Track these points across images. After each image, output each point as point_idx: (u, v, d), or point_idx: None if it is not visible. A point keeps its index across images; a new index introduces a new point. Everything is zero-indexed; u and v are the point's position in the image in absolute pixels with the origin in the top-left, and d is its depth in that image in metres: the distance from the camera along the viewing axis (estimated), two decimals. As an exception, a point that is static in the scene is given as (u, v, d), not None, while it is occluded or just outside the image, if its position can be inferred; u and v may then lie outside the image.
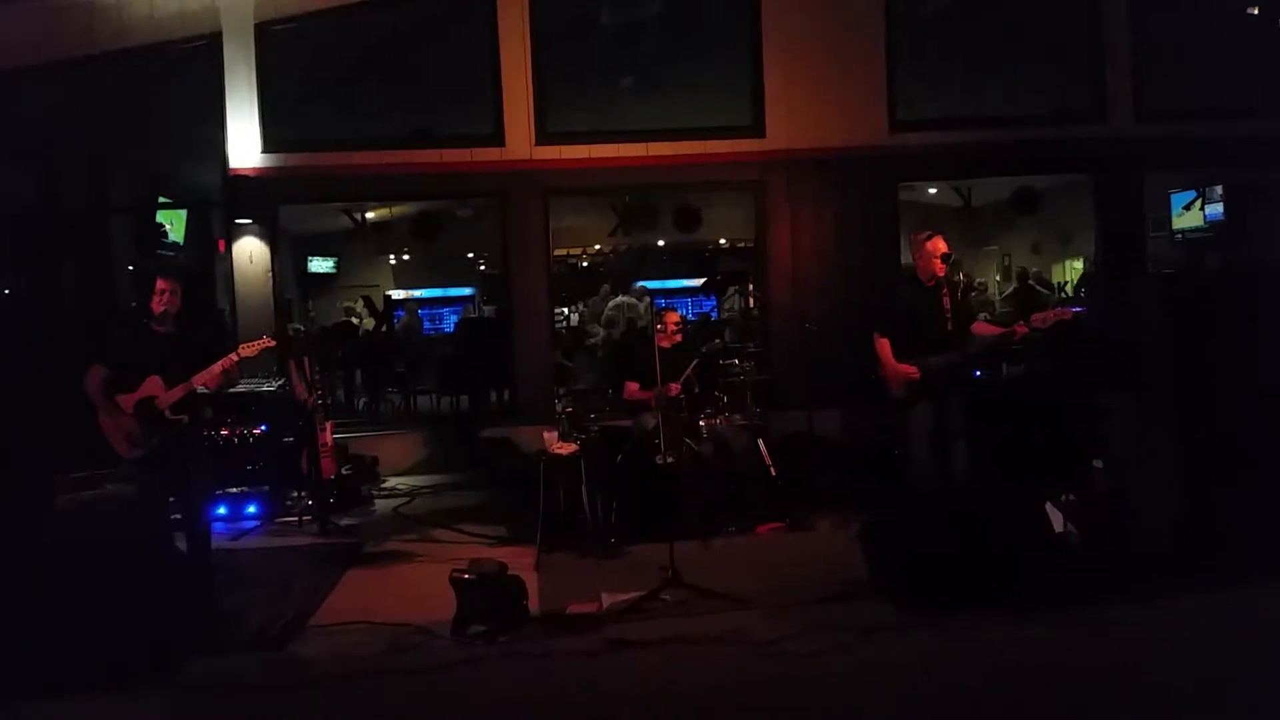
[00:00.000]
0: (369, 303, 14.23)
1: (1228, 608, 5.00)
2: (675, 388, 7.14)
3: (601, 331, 13.15)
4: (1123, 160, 10.04)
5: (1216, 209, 12.66)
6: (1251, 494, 5.75)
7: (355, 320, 14.27)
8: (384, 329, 13.69)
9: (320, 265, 16.11)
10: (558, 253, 15.22)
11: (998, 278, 16.06)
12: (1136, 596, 5.10)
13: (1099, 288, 10.70)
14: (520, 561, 6.19)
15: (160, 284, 5.62)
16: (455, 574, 5.18)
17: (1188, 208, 13.06)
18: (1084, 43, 10.18)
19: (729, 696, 4.33)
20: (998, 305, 14.12)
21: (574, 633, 5.06)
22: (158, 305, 5.61)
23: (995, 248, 16.39)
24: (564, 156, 9.49)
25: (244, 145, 9.22)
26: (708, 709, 4.23)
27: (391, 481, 9.11)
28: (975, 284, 15.00)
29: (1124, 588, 5.19)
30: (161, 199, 11.26)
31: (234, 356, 5.74)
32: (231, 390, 7.50)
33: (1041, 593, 5.02)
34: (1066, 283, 14.62)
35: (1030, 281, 13.89)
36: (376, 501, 8.51)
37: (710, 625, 5.05)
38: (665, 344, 7.39)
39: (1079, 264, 14.14)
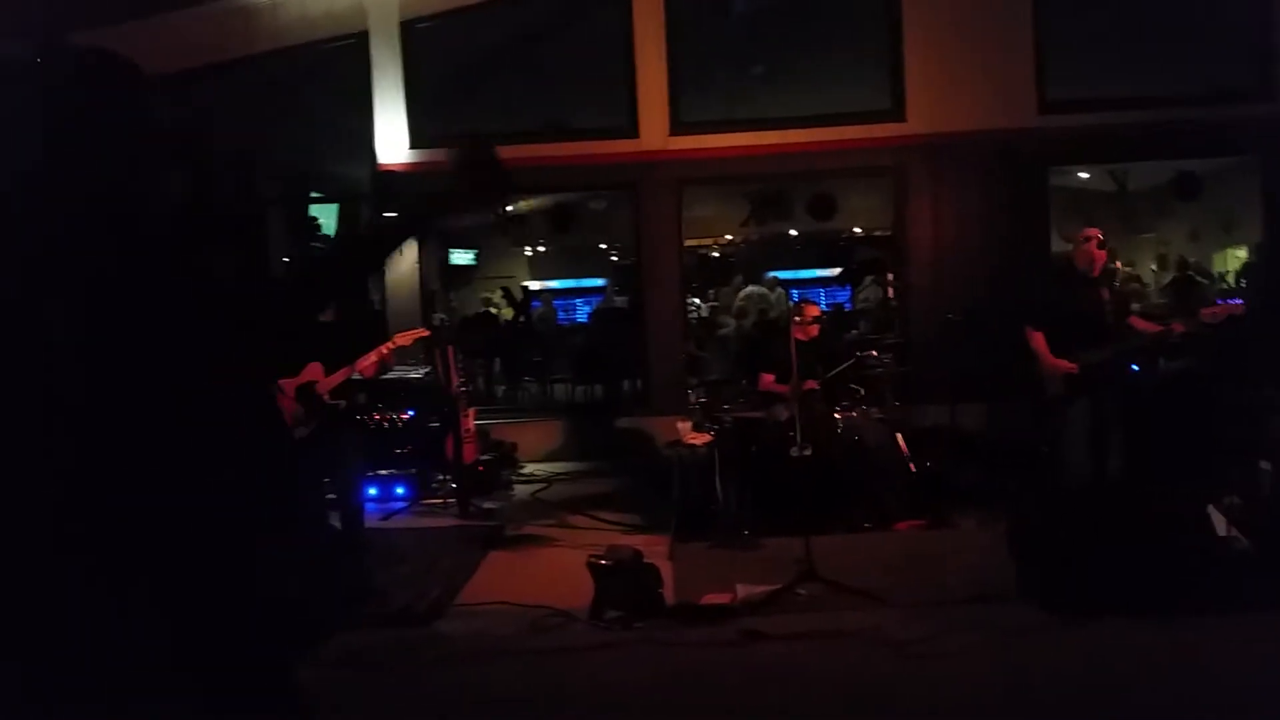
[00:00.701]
0: (507, 293, 14.58)
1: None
2: (813, 384, 7.06)
3: (732, 322, 13.12)
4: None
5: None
6: None
7: (494, 310, 14.64)
8: (521, 319, 14.00)
9: (461, 257, 16.56)
10: (689, 243, 15.27)
11: (1154, 267, 15.24)
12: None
13: (1264, 278, 10.01)
14: (654, 550, 6.22)
15: None
16: (593, 560, 5.27)
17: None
18: (1248, 16, 9.53)
19: (862, 693, 4.28)
20: (1154, 296, 13.42)
21: (708, 623, 5.07)
22: None
23: (1152, 235, 15.55)
24: (697, 146, 9.49)
25: (392, 141, 9.57)
26: (840, 704, 4.19)
27: (529, 468, 9.32)
28: (1126, 273, 14.31)
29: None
30: (313, 194, 11.78)
31: (390, 345, 5.99)
32: (382, 377, 7.87)
33: (1198, 598, 4.77)
34: (1228, 272, 13.76)
35: (1190, 271, 13.14)
36: (515, 486, 8.73)
37: (846, 621, 4.99)
38: (802, 336, 7.30)
39: (1242, 252, 13.28)
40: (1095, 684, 4.22)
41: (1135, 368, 7.42)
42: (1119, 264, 13.27)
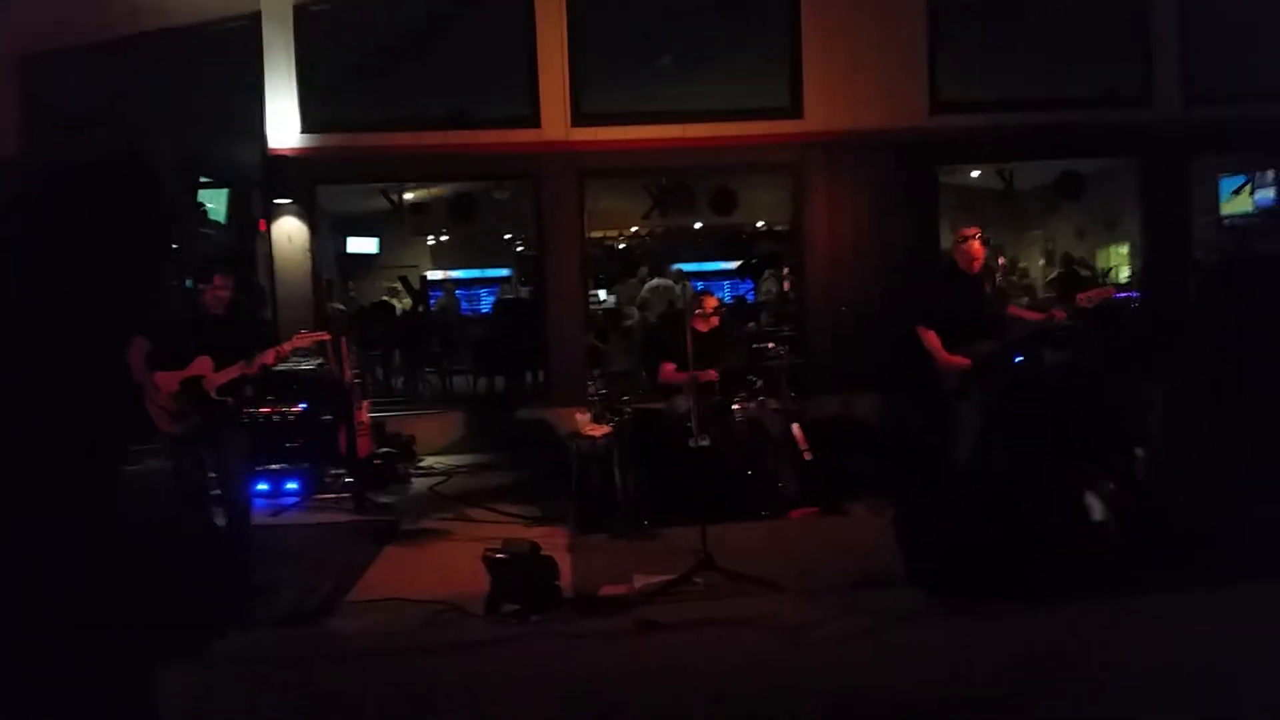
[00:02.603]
0: (405, 283, 14.33)
1: (1264, 601, 4.89)
2: (713, 374, 7.13)
3: (637, 314, 13.14)
4: (1169, 144, 9.84)
5: (1267, 195, 12.38)
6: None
7: (393, 300, 14.37)
8: (420, 309, 13.77)
9: (361, 245, 16.21)
10: (594, 235, 15.21)
11: (1041, 262, 15.82)
12: (1173, 587, 5.01)
13: (1144, 274, 10.49)
14: (553, 542, 6.24)
15: (219, 280, 5.66)
16: (488, 553, 5.22)
17: (1237, 193, 12.77)
18: (1131, 24, 9.97)
19: (756, 679, 4.33)
20: (1041, 290, 13.92)
21: (605, 614, 5.09)
22: (213, 299, 5.66)
23: (1039, 232, 16.13)
24: (599, 138, 9.47)
25: (283, 125, 9.30)
26: (735, 691, 4.22)
27: (428, 460, 9.17)
28: (1017, 268, 14.82)
29: (1159, 578, 5.10)
30: (202, 178, 11.38)
31: (285, 347, 5.80)
32: (272, 369, 7.64)
33: (1076, 582, 4.96)
34: (1111, 268, 14.36)
35: (1074, 266, 13.67)
36: (413, 480, 8.59)
37: (741, 609, 5.05)
38: (703, 327, 7.38)
39: (1124, 250, 13.89)
40: (977, 667, 4.34)
41: (1019, 359, 7.70)
42: (1002, 260, 13.78)
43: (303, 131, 9.32)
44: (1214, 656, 4.33)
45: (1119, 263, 13.95)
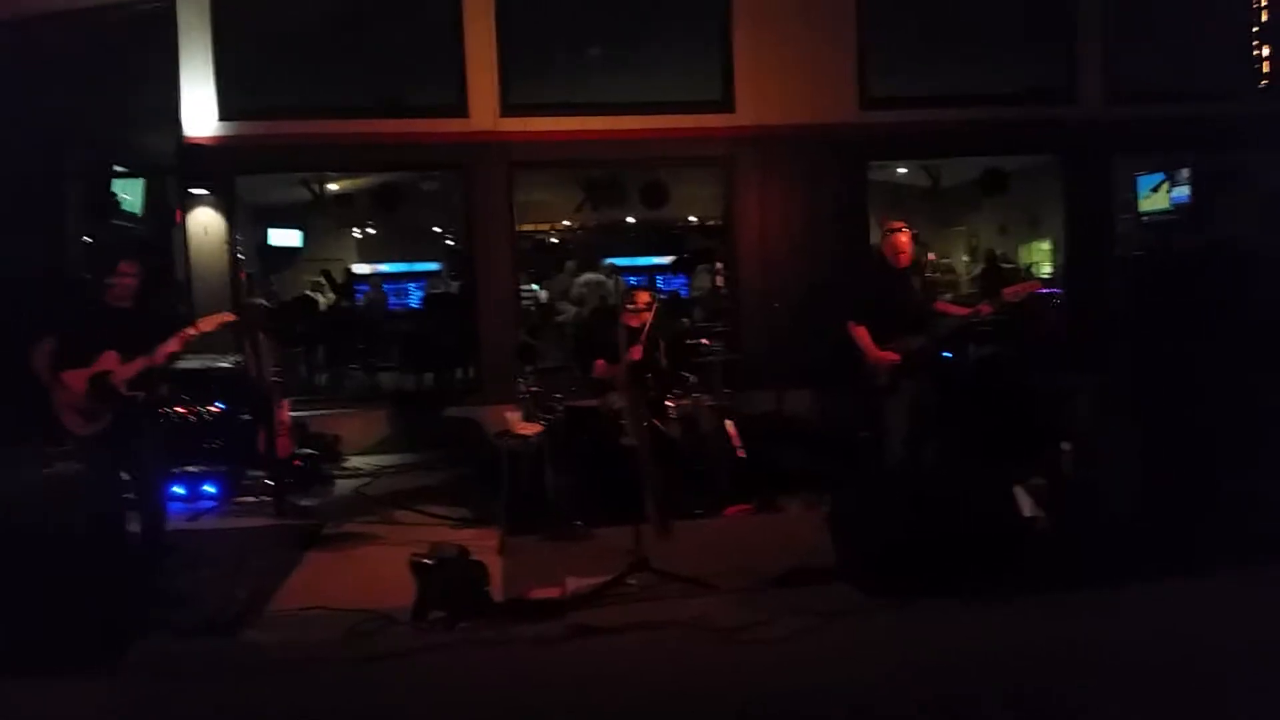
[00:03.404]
0: (328, 276, 13.97)
1: (1190, 594, 4.97)
2: (637, 351, 7.01)
3: (572, 309, 13.00)
4: (1091, 142, 10.02)
5: (1183, 192, 12.71)
6: (1216, 478, 5.78)
7: (316, 295, 14.00)
8: (345, 304, 13.44)
9: (284, 238, 15.76)
10: (525, 228, 15.01)
11: (965, 258, 16.07)
12: (1101, 581, 5.07)
13: (1066, 270, 10.69)
14: (484, 544, 6.08)
15: (124, 267, 5.47)
16: (415, 559, 5.05)
17: (1155, 190, 13.09)
18: (1055, 22, 10.12)
19: (691, 682, 4.26)
20: (965, 285, 14.14)
21: (536, 619, 4.95)
22: (119, 287, 5.45)
23: (963, 228, 16.39)
24: (528, 129, 9.31)
25: (199, 113, 8.95)
26: (670, 696, 4.15)
27: (354, 461, 8.93)
28: (941, 264, 15.02)
29: (1089, 572, 5.16)
30: (117, 167, 10.92)
31: (190, 331, 5.59)
32: (188, 367, 7.36)
33: (1007, 577, 4.99)
34: (1033, 264, 14.65)
35: (998, 262, 13.91)
36: (338, 481, 8.34)
37: (675, 610, 4.97)
38: (634, 322, 7.27)
39: (1046, 246, 14.17)
40: (909, 665, 4.32)
41: (948, 355, 7.77)
42: (932, 255, 13.95)
43: (220, 119, 8.99)
44: (1146, 649, 4.37)
45: (1041, 259, 14.23)
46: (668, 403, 7.15)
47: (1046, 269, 13.51)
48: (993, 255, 14.34)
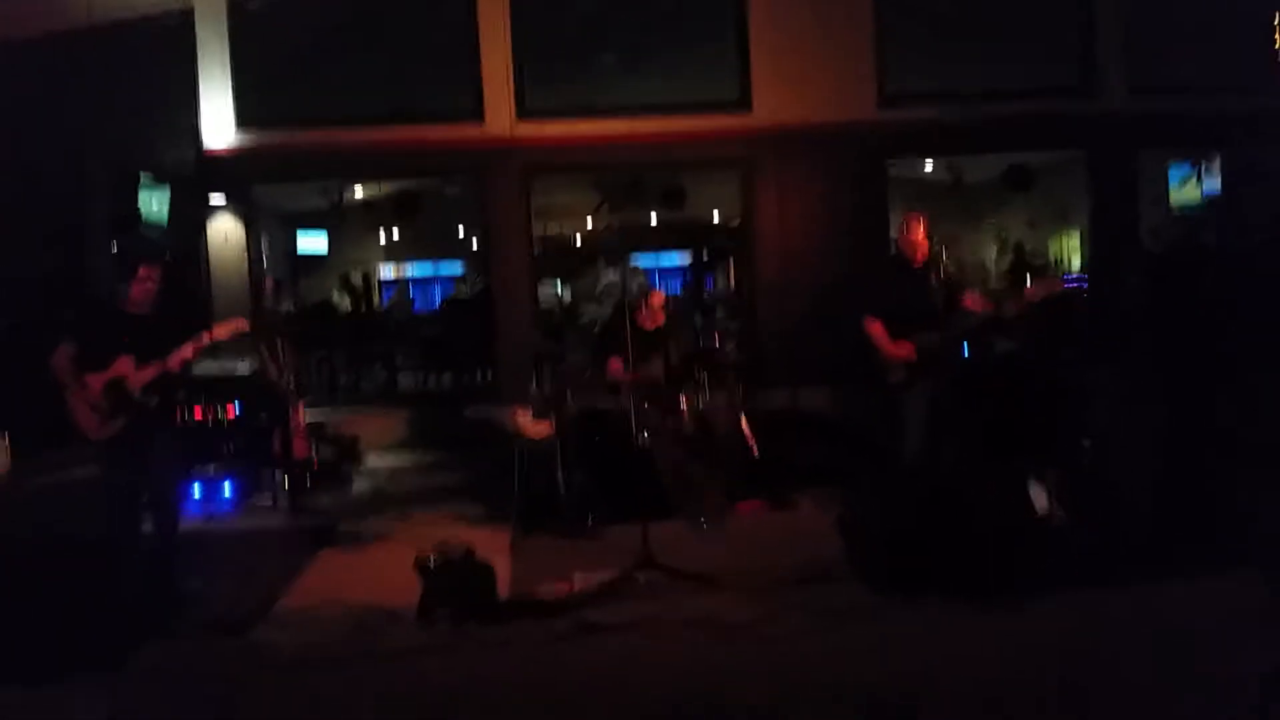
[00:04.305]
0: (345, 281, 14.12)
1: (1210, 592, 4.85)
2: (659, 367, 7.02)
3: (595, 309, 13.03)
4: (1115, 136, 9.85)
5: (1214, 185, 12.46)
6: (1237, 476, 5.64)
7: (339, 298, 14.15)
8: (364, 308, 13.55)
9: (310, 245, 15.92)
10: (549, 231, 15.10)
11: (994, 253, 15.89)
12: (1115, 580, 4.96)
13: (1092, 264, 10.53)
14: (496, 543, 6.13)
15: (143, 271, 5.49)
16: (420, 558, 5.08)
17: (1184, 183, 12.85)
18: (1076, 16, 9.98)
19: (693, 681, 4.23)
20: (993, 280, 13.96)
21: (542, 616, 4.96)
22: (138, 292, 5.49)
23: (992, 223, 16.21)
24: (544, 133, 9.32)
25: (218, 123, 9.06)
26: (671, 694, 4.12)
27: (372, 461, 8.99)
28: (969, 259, 14.85)
29: (1104, 571, 5.05)
30: (143, 175, 11.09)
31: (205, 338, 5.62)
32: (204, 372, 7.44)
33: (1020, 575, 4.91)
34: (1062, 258, 14.45)
35: (1026, 256, 13.74)
36: (356, 481, 8.40)
37: (681, 607, 4.96)
38: (648, 325, 7.27)
39: (1075, 240, 13.98)
40: (918, 664, 4.26)
41: (965, 352, 7.68)
42: (945, 250, 13.76)
43: (238, 129, 9.09)
44: (1163, 646, 4.29)
45: (1070, 252, 14.04)
46: (681, 401, 7.12)
47: (1075, 263, 13.32)
48: (1020, 250, 14.16)
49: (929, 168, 13.01)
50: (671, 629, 4.72)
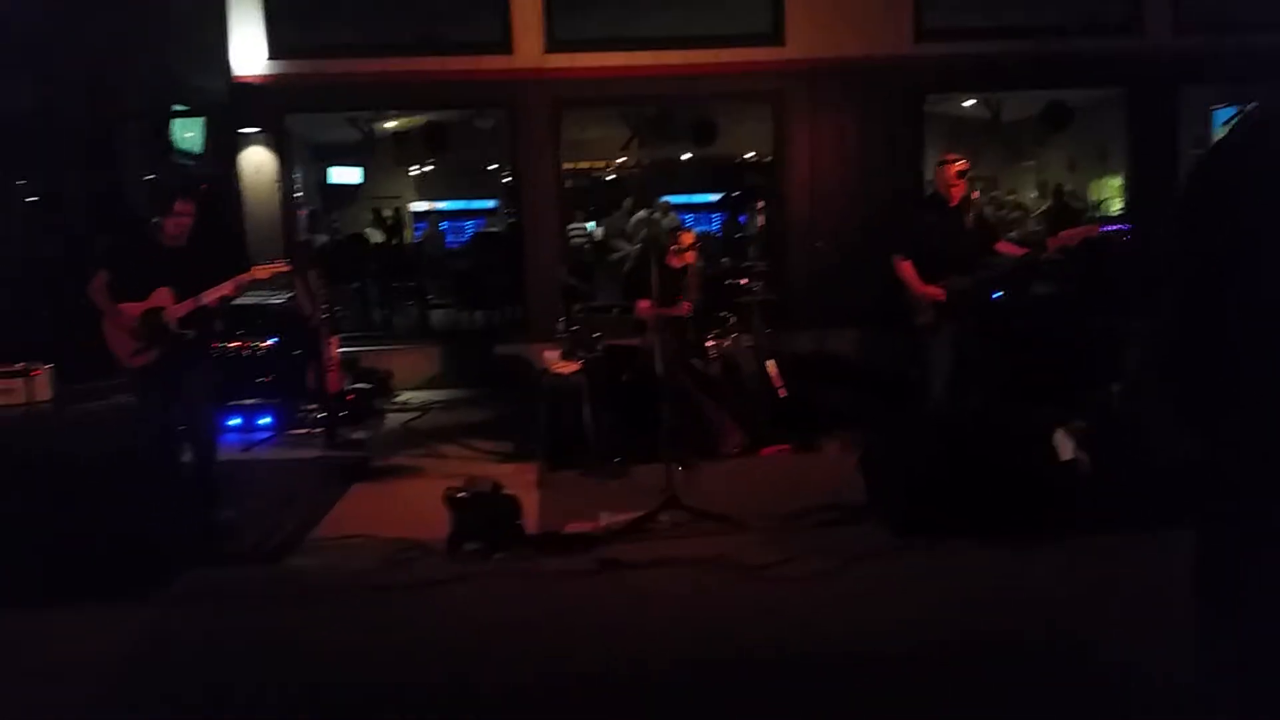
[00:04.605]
0: (377, 215, 14.15)
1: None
2: (687, 306, 7.04)
3: (626, 247, 12.98)
4: (1158, 74, 9.56)
5: (1260, 127, 12.09)
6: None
7: (371, 232, 14.19)
8: (395, 242, 13.58)
9: (344, 176, 15.94)
10: (580, 165, 14.99)
11: (1034, 195, 15.61)
12: (1140, 525, 4.95)
13: (1132, 206, 10.32)
14: (523, 479, 6.23)
15: (179, 206, 5.50)
16: (449, 491, 5.19)
17: (1228, 124, 12.50)
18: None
19: (712, 619, 4.32)
20: (1032, 223, 13.73)
21: (568, 552, 5.07)
22: (173, 226, 5.53)
23: (1032, 163, 15.90)
24: (574, 65, 9.20)
25: (249, 51, 9.03)
26: (689, 631, 4.22)
27: (404, 396, 9.12)
28: (1006, 201, 14.61)
29: (1128, 516, 5.05)
30: (176, 106, 11.10)
31: (245, 277, 5.67)
32: (242, 303, 7.53)
33: (1041, 519, 4.94)
34: (1103, 201, 14.17)
35: (1066, 199, 13.49)
36: (388, 416, 8.53)
37: (704, 547, 5.03)
38: (676, 263, 7.26)
39: (1117, 182, 13.68)
40: (936, 607, 4.32)
41: (996, 295, 7.61)
42: (976, 194, 13.51)
43: (270, 58, 9.07)
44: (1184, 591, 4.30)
45: (1112, 195, 13.75)
46: (708, 342, 7.15)
47: (1117, 206, 13.05)
48: (1060, 192, 13.90)
49: (967, 104, 12.78)
50: (692, 568, 4.81)
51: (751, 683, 3.75)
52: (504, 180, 16.63)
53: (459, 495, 5.16)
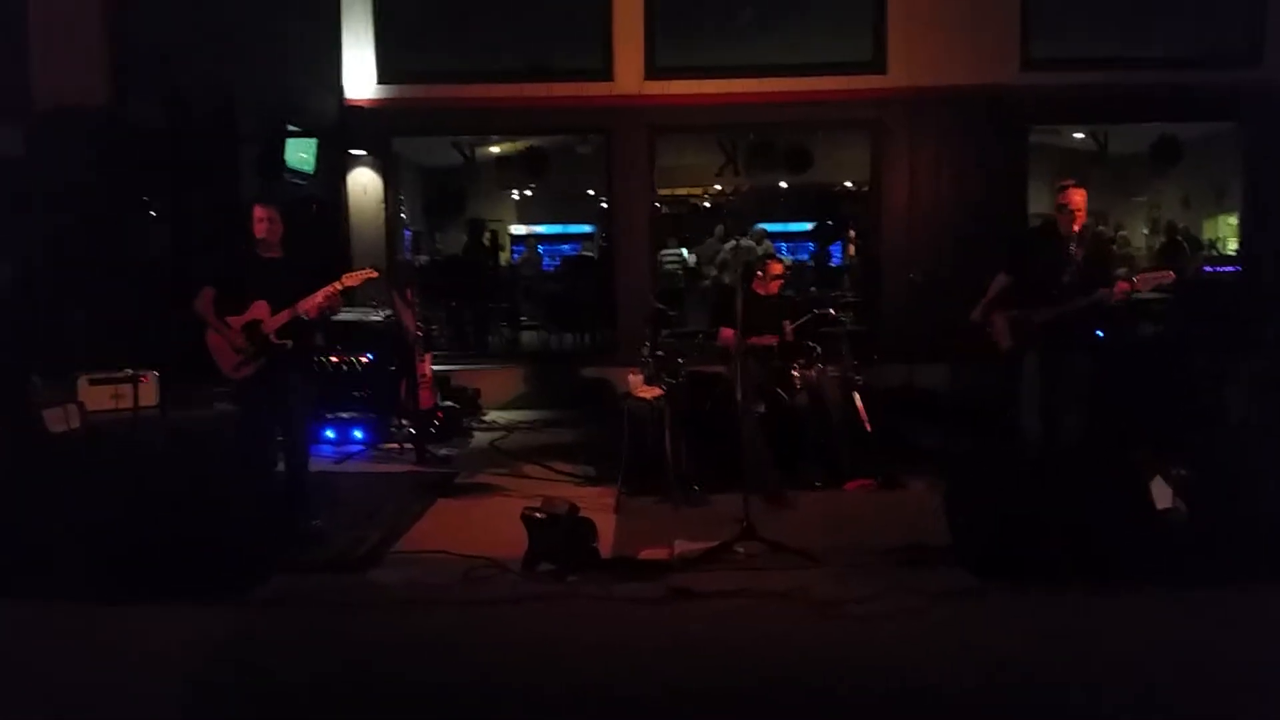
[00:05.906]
0: (476, 237, 14.44)
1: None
2: (770, 339, 7.00)
3: (714, 274, 12.98)
4: (1276, 108, 9.16)
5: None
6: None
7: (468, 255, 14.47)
8: (491, 263, 13.84)
9: (449, 199, 16.29)
10: (677, 192, 15.07)
11: (1145, 231, 15.08)
12: (1234, 579, 4.75)
13: (1245, 247, 9.89)
14: (601, 502, 6.26)
15: (259, 212, 5.71)
16: (527, 512, 5.25)
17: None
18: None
19: (778, 654, 4.27)
20: (1144, 260, 13.25)
21: (640, 578, 5.06)
22: (259, 231, 5.75)
23: (1144, 199, 15.36)
24: (671, 92, 9.30)
25: (360, 76, 9.38)
26: (756, 664, 4.17)
27: (492, 415, 9.28)
28: (1116, 238, 14.13)
29: (1223, 570, 4.83)
30: (290, 127, 11.58)
31: (336, 286, 5.84)
32: (341, 319, 7.78)
33: (1129, 569, 4.75)
34: (1218, 240, 13.60)
35: (1178, 237, 12.99)
36: (475, 434, 8.69)
37: (777, 581, 4.97)
38: (761, 291, 7.24)
39: (1233, 220, 13.11)
40: (1009, 653, 4.19)
41: (1100, 334, 7.33)
42: (1102, 228, 13.09)
43: (379, 82, 9.40)
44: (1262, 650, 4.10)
45: (1228, 234, 13.18)
46: (793, 372, 7.09)
47: (1232, 245, 12.51)
48: (1173, 229, 13.39)
49: (1075, 136, 12.42)
50: (765, 601, 4.76)
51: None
52: (602, 205, 16.93)
53: (536, 516, 5.22)
